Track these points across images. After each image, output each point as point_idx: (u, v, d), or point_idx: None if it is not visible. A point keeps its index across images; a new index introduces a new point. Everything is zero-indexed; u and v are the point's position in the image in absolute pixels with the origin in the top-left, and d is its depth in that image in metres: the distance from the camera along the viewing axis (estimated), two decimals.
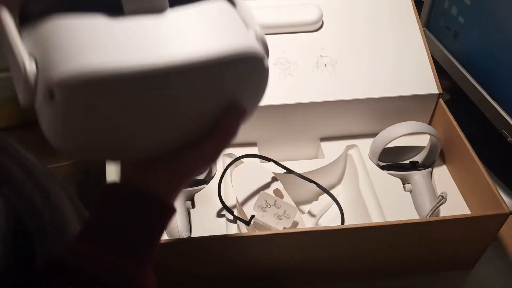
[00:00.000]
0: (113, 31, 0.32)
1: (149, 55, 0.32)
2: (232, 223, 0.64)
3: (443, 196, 0.62)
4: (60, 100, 0.31)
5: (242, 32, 0.37)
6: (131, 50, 0.32)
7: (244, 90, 0.38)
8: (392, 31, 0.76)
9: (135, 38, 0.32)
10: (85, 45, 0.31)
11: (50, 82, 0.30)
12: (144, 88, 0.33)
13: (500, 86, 0.74)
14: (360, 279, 0.63)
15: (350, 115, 0.73)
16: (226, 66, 0.34)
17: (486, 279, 0.64)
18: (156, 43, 0.33)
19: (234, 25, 0.37)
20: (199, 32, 0.34)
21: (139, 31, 0.33)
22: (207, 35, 0.34)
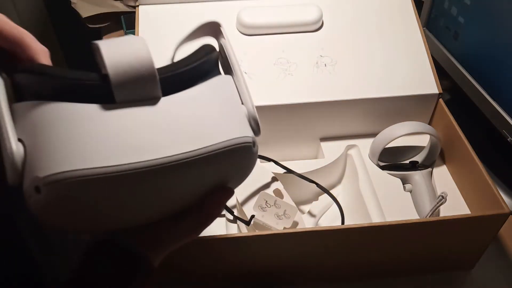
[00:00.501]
0: (103, 126, 0.31)
1: (139, 154, 0.31)
2: (232, 223, 0.64)
3: (443, 196, 0.62)
4: (45, 196, 0.31)
5: (236, 118, 0.37)
6: (121, 149, 0.31)
7: (233, 173, 0.39)
8: (392, 31, 0.77)
9: (126, 134, 0.32)
10: (74, 144, 0.31)
11: (37, 180, 0.30)
12: (131, 187, 0.32)
13: (500, 86, 0.74)
14: (360, 279, 0.63)
15: (350, 115, 0.73)
16: (218, 158, 0.35)
17: (486, 279, 0.64)
18: (147, 139, 0.32)
19: (228, 110, 0.37)
20: (191, 126, 0.34)
21: (130, 125, 0.32)
22: (200, 128, 0.34)
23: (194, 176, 0.35)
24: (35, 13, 1.37)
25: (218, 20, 0.41)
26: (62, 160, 0.30)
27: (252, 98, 0.40)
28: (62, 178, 0.30)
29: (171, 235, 0.39)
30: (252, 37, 0.75)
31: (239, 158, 0.37)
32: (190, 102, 0.35)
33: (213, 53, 0.38)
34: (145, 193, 0.34)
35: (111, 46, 0.32)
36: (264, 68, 0.72)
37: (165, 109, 0.33)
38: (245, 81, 0.40)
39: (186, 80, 0.36)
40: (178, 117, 0.34)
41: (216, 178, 0.38)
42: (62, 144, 0.31)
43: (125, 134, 0.32)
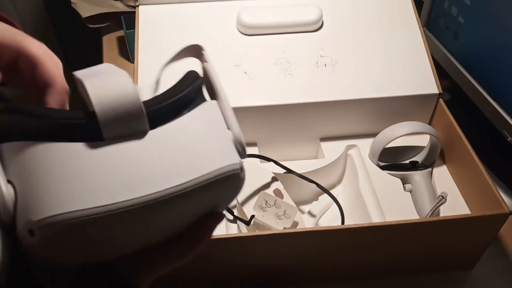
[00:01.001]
0: (93, 165, 0.32)
1: (130, 191, 0.32)
2: (232, 223, 0.64)
3: (443, 196, 0.62)
4: (40, 238, 0.31)
5: (223, 145, 0.37)
6: (112, 187, 0.31)
7: (222, 199, 0.39)
8: (392, 31, 0.77)
9: (116, 172, 0.32)
10: (65, 185, 0.31)
11: (31, 223, 0.30)
12: (123, 224, 0.33)
13: (500, 86, 0.74)
14: (360, 279, 0.63)
15: (350, 115, 0.73)
16: (208, 188, 0.35)
17: (486, 279, 0.64)
18: (137, 175, 0.32)
19: (215, 137, 0.37)
20: (180, 158, 0.34)
21: (120, 162, 0.32)
22: (188, 159, 0.34)
23: (185, 207, 0.36)
24: (35, 13, 1.37)
25: (200, 44, 0.42)
26: (54, 203, 0.30)
27: (236, 121, 0.40)
28: (55, 221, 0.30)
29: (162, 261, 0.39)
30: (252, 37, 0.75)
31: (228, 185, 0.37)
32: (177, 133, 0.35)
33: (197, 80, 0.39)
34: (137, 228, 0.35)
35: (95, 82, 0.32)
36: (264, 68, 0.72)
37: (153, 143, 0.34)
38: (229, 105, 0.41)
39: (173, 110, 0.36)
40: (167, 150, 0.34)
41: (206, 205, 0.39)
42: (53, 185, 0.31)
43: (115, 171, 0.32)
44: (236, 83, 0.71)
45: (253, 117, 0.71)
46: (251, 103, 0.69)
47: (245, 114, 0.70)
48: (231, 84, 0.71)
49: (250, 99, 0.70)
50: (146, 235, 0.37)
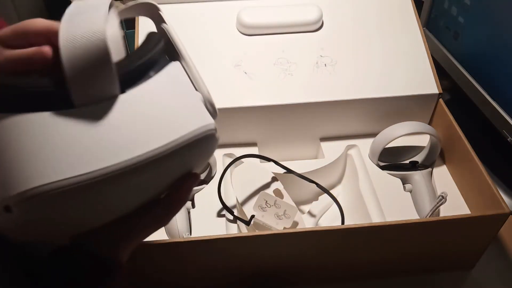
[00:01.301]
0: (65, 135, 0.31)
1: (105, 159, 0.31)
2: (232, 223, 0.64)
3: (443, 196, 0.62)
4: (17, 214, 0.30)
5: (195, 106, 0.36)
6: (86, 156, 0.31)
7: (197, 160, 0.39)
8: (392, 31, 0.77)
9: (89, 140, 0.31)
10: (37, 157, 0.30)
11: (6, 200, 0.30)
12: (100, 192, 0.32)
13: (500, 86, 0.74)
14: (360, 279, 0.63)
15: (350, 115, 0.73)
16: (185, 150, 0.34)
17: (486, 279, 0.64)
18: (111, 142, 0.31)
19: (185, 99, 0.36)
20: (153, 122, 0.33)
21: (92, 130, 0.31)
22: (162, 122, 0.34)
23: (162, 171, 0.35)
24: (35, 13, 1.37)
25: (155, 2, 0.40)
26: (30, 176, 0.29)
27: (204, 82, 0.39)
28: (32, 195, 0.29)
29: (141, 227, 0.38)
30: (252, 37, 0.75)
31: (204, 146, 0.37)
32: (148, 97, 0.34)
33: (161, 41, 0.37)
34: (116, 195, 0.34)
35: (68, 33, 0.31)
36: (264, 68, 0.72)
37: (125, 107, 0.33)
38: (194, 65, 0.39)
39: (141, 72, 0.35)
40: (139, 115, 0.33)
41: (183, 168, 0.38)
42: (26, 158, 0.30)
43: (89, 139, 0.31)
44: (236, 83, 0.71)
45: (253, 117, 0.71)
46: (251, 103, 0.69)
47: (245, 114, 0.70)
48: (231, 84, 0.71)
49: (250, 99, 0.70)
50: (124, 202, 0.36)
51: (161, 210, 0.38)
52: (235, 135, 0.73)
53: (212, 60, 0.72)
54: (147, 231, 0.39)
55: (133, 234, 0.38)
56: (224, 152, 0.72)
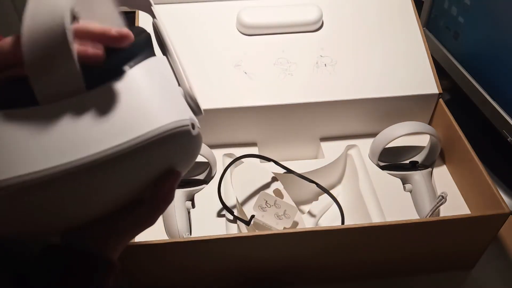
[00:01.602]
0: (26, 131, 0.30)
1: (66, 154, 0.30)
2: (232, 223, 0.64)
3: (443, 196, 0.62)
4: None
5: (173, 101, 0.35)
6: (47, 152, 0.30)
7: (178, 158, 0.37)
8: (392, 31, 0.77)
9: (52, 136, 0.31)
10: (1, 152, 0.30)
11: None
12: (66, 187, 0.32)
13: (500, 86, 0.74)
14: (360, 279, 0.63)
15: (350, 115, 0.73)
16: (154, 146, 0.33)
17: (486, 279, 0.64)
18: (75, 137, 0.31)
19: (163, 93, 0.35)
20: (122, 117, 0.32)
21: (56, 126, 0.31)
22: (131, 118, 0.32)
23: (134, 168, 0.34)
24: None
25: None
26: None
27: (187, 77, 0.38)
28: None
29: (127, 226, 0.38)
30: (252, 37, 0.75)
31: (179, 143, 0.35)
32: (119, 91, 0.33)
33: (141, 35, 0.36)
34: (84, 192, 0.33)
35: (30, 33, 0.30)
36: (264, 68, 0.72)
37: (92, 103, 0.32)
38: (180, 61, 0.38)
39: (114, 65, 0.34)
40: (106, 110, 0.32)
41: (161, 164, 0.36)
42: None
43: (50, 137, 0.31)
44: (236, 83, 0.71)
45: (253, 117, 0.71)
46: (251, 103, 0.69)
47: (245, 114, 0.70)
48: (231, 84, 0.71)
49: (250, 99, 0.70)
50: (99, 200, 0.35)
51: (145, 210, 0.38)
52: (235, 135, 0.73)
53: (212, 60, 0.72)
54: (134, 230, 0.39)
55: (120, 232, 0.38)
56: (224, 152, 0.72)
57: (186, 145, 0.36)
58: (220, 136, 0.72)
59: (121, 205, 0.37)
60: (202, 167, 0.71)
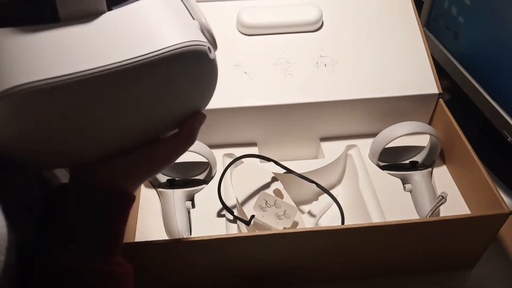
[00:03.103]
0: (48, 43, 0.31)
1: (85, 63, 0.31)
2: (232, 223, 0.64)
3: (443, 196, 0.62)
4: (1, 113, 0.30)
5: (189, 28, 0.36)
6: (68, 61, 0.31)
7: (193, 85, 0.37)
8: (392, 31, 0.77)
9: (72, 48, 0.31)
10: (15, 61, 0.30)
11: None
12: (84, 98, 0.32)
13: (500, 86, 0.74)
14: (360, 279, 0.63)
15: (350, 115, 0.73)
16: (172, 62, 0.33)
17: (486, 279, 0.64)
18: (95, 50, 0.31)
19: (179, 21, 0.35)
20: (141, 34, 0.33)
21: (76, 39, 0.31)
22: (150, 35, 0.33)
23: (147, 86, 0.34)
24: None
25: None
26: (6, 78, 0.30)
27: (202, 12, 0.38)
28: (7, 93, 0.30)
29: (149, 159, 0.39)
30: (252, 37, 0.75)
31: (194, 65, 0.35)
32: (136, 14, 0.34)
33: None
34: (96, 108, 0.33)
35: None
36: (264, 68, 0.72)
37: (111, 22, 0.33)
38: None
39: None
40: (124, 29, 0.33)
41: (176, 94, 0.37)
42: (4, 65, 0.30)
43: (67, 48, 0.31)
44: (236, 83, 0.71)
45: (253, 117, 0.71)
46: (251, 103, 0.69)
47: (245, 114, 0.70)
48: (231, 84, 0.71)
49: (250, 99, 0.70)
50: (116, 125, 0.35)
51: (170, 145, 0.39)
52: (235, 135, 0.73)
53: None
54: (156, 165, 0.40)
55: (144, 169, 0.39)
56: (224, 152, 0.72)
57: (203, 68, 0.36)
58: (220, 136, 0.72)
59: (140, 140, 0.37)
60: (202, 167, 0.71)
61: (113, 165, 0.37)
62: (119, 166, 0.38)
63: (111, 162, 0.37)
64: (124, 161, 0.38)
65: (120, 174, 0.38)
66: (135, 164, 0.38)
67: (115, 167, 0.38)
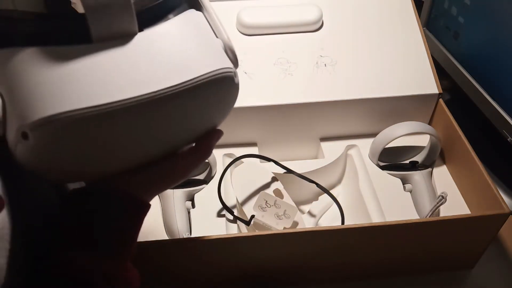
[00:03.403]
0: (83, 67, 0.31)
1: (123, 92, 0.31)
2: (232, 223, 0.64)
3: (443, 196, 0.62)
4: (34, 140, 0.30)
5: (214, 50, 0.37)
6: (104, 88, 0.31)
7: (217, 108, 0.39)
8: (392, 31, 0.77)
9: (108, 73, 0.31)
10: (56, 88, 0.30)
11: (24, 126, 0.30)
12: (117, 125, 0.33)
13: (500, 86, 0.74)
14: (360, 279, 0.63)
15: (350, 115, 0.73)
16: (202, 89, 0.35)
17: (486, 279, 0.64)
18: (130, 77, 0.32)
19: (205, 42, 0.37)
20: (173, 60, 0.34)
21: (110, 64, 0.32)
22: (181, 61, 0.34)
23: (179, 111, 0.35)
24: None
25: None
26: (47, 104, 0.30)
27: (225, 30, 0.40)
28: (49, 121, 0.30)
29: (167, 176, 0.40)
30: (252, 37, 0.75)
31: (222, 90, 0.37)
32: (167, 36, 0.34)
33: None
34: (131, 132, 0.34)
35: None
36: (264, 68, 0.72)
37: (144, 45, 0.33)
38: (216, 14, 0.40)
39: (160, 12, 0.35)
40: (158, 53, 0.34)
41: (202, 114, 0.38)
42: (43, 88, 0.30)
43: (106, 73, 0.31)
44: None
45: (253, 117, 0.71)
46: (251, 103, 0.69)
47: (245, 114, 0.70)
48: None
49: (250, 99, 0.70)
50: (142, 145, 0.36)
51: (188, 160, 0.41)
52: (235, 135, 0.73)
53: None
54: (175, 179, 0.41)
55: (162, 181, 0.40)
56: (224, 152, 0.72)
57: (228, 91, 0.38)
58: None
59: (159, 155, 0.39)
60: (202, 167, 0.71)
61: (134, 179, 0.38)
62: (140, 180, 0.39)
63: (132, 176, 0.38)
64: (146, 176, 0.39)
65: (140, 186, 0.39)
66: (156, 179, 0.40)
67: (136, 180, 0.39)
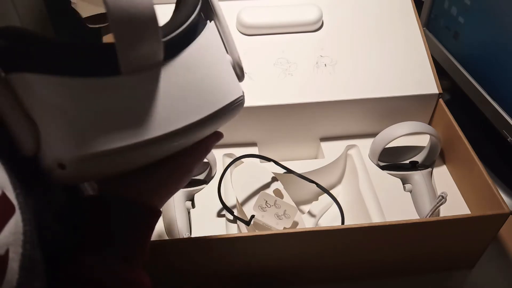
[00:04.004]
0: (117, 101, 0.32)
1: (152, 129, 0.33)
2: (232, 223, 0.64)
3: (443, 196, 0.62)
4: (70, 172, 0.32)
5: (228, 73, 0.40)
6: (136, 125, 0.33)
7: (223, 123, 0.42)
8: (392, 31, 0.77)
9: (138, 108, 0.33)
10: (92, 121, 0.31)
11: (62, 159, 0.32)
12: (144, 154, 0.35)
13: (500, 86, 0.74)
14: (360, 279, 0.63)
15: (350, 115, 0.73)
16: (221, 118, 0.38)
17: (486, 279, 0.64)
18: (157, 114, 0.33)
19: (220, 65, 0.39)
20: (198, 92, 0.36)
21: (142, 98, 0.33)
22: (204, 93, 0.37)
23: (199, 135, 0.39)
24: (35, 13, 1.37)
25: None
26: (86, 141, 0.31)
27: (235, 45, 0.42)
28: (88, 158, 0.32)
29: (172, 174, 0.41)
30: (252, 37, 0.75)
31: (234, 113, 0.41)
32: (191, 67, 0.36)
33: (199, 3, 0.38)
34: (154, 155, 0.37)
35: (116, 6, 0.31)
36: (264, 68, 0.72)
37: (172, 76, 0.34)
38: (228, 26, 0.41)
39: (186, 37, 0.36)
40: (185, 86, 0.35)
41: (210, 131, 0.42)
42: (82, 124, 0.31)
43: (139, 108, 0.33)
44: None
45: (253, 117, 0.71)
46: (251, 103, 0.69)
47: (245, 114, 0.70)
48: None
49: (250, 99, 0.69)
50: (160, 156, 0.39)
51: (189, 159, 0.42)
52: (235, 135, 0.73)
53: None
54: (180, 180, 0.42)
55: (168, 182, 0.41)
56: (224, 152, 0.72)
57: (236, 113, 0.42)
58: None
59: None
60: (202, 167, 0.71)
61: (146, 187, 0.40)
62: (152, 188, 0.40)
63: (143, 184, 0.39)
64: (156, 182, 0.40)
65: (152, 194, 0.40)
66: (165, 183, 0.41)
67: (148, 188, 0.40)
